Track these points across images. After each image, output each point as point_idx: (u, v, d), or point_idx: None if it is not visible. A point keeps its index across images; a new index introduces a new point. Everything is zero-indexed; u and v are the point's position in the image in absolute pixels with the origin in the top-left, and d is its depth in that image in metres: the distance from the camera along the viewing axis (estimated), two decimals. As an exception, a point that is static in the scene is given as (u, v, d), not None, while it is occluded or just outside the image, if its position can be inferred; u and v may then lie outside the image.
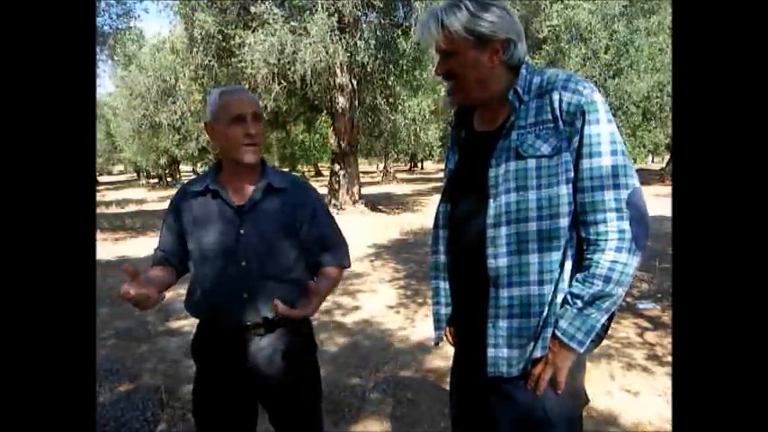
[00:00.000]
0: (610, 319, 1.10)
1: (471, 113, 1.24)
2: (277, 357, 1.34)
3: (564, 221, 1.03)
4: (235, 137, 1.26)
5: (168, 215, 1.41)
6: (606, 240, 1.01)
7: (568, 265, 1.06)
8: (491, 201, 1.08)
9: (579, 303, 1.03)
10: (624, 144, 1.05)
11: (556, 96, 1.03)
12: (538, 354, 1.07)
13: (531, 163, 1.04)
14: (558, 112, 1.03)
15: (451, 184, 1.24)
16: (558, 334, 1.04)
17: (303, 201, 1.38)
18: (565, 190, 1.03)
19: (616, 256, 1.00)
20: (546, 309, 1.06)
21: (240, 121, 1.26)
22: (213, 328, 1.37)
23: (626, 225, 1.00)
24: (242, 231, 1.29)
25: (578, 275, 1.04)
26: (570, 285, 1.05)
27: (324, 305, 4.48)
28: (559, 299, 1.06)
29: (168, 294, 1.35)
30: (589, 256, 1.03)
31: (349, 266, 1.48)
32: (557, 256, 1.05)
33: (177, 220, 1.37)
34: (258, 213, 1.31)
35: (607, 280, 1.01)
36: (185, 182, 1.45)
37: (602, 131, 1.01)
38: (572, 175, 1.03)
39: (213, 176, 1.35)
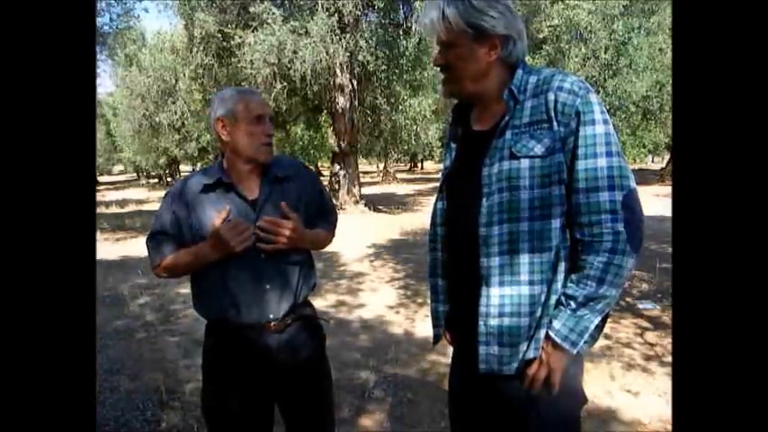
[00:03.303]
0: (604, 320, 1.10)
1: (469, 111, 1.24)
2: (299, 348, 1.38)
3: (556, 222, 1.03)
4: (256, 135, 1.32)
5: (171, 206, 1.36)
6: (601, 242, 1.00)
7: (562, 266, 1.06)
8: (484, 200, 1.08)
9: (573, 304, 1.03)
10: (624, 144, 1.05)
11: (551, 97, 1.03)
12: (531, 354, 1.07)
13: (525, 163, 1.04)
14: (552, 113, 1.03)
15: (447, 182, 1.24)
16: (552, 334, 1.05)
17: (305, 183, 1.45)
18: (557, 191, 1.03)
19: (610, 258, 1.00)
20: (539, 309, 1.06)
21: (261, 121, 1.33)
22: (233, 328, 1.34)
23: (621, 227, 0.99)
24: (258, 224, 1.31)
25: (572, 276, 1.04)
26: (564, 286, 1.05)
27: (324, 304, 4.49)
28: (553, 300, 1.06)
29: (167, 295, 1.34)
30: (583, 257, 1.03)
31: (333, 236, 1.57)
32: (548, 256, 1.05)
33: (186, 213, 1.34)
34: (270, 205, 1.34)
35: (601, 281, 1.01)
36: (191, 173, 1.43)
37: (598, 132, 1.01)
38: (565, 176, 1.02)
39: (221, 171, 1.35)
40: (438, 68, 1.16)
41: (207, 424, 1.43)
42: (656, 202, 8.79)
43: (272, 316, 1.32)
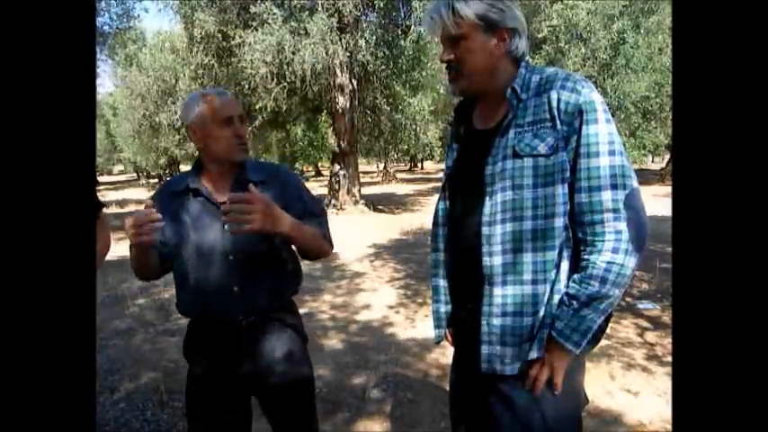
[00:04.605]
0: (607, 320, 1.10)
1: (471, 111, 1.24)
2: (271, 351, 1.37)
3: (559, 221, 1.03)
4: (225, 138, 1.31)
5: None
6: (603, 241, 1.00)
7: (565, 265, 1.06)
8: (487, 199, 1.08)
9: (575, 304, 1.03)
10: (623, 144, 1.05)
11: (554, 95, 1.03)
12: (534, 355, 1.07)
13: (528, 162, 1.04)
14: (555, 112, 1.03)
15: (450, 182, 1.24)
16: (554, 335, 1.04)
17: (283, 188, 1.38)
18: (560, 190, 1.03)
19: (613, 257, 1.00)
20: (541, 309, 1.06)
21: (229, 122, 1.32)
22: (206, 327, 1.38)
23: (623, 226, 0.99)
24: (226, 227, 1.30)
25: (575, 276, 1.04)
26: (567, 286, 1.05)
27: (323, 305, 4.48)
28: (556, 299, 1.06)
29: (167, 295, 1.35)
30: (586, 256, 1.03)
31: (331, 246, 1.45)
32: (551, 255, 1.04)
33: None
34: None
35: (603, 281, 1.00)
36: (164, 182, 1.45)
37: (601, 131, 1.01)
38: (568, 174, 1.03)
39: (194, 176, 1.37)
40: (446, 65, 1.14)
41: (187, 412, 1.46)
42: (656, 202, 8.78)
43: (240, 317, 1.33)
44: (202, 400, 1.40)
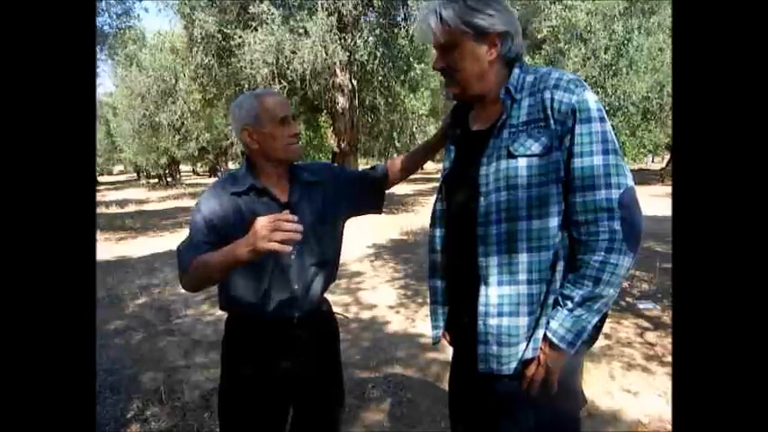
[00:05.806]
0: (602, 319, 1.10)
1: (467, 112, 1.24)
2: (320, 341, 1.43)
3: (554, 221, 1.03)
4: (283, 137, 1.33)
5: (204, 214, 1.31)
6: (597, 241, 1.00)
7: (560, 265, 1.06)
8: (481, 199, 1.08)
9: (570, 304, 1.03)
10: (624, 144, 1.05)
11: (548, 95, 1.03)
12: (529, 355, 1.07)
13: (522, 162, 1.04)
14: (549, 112, 1.02)
15: (446, 183, 1.25)
16: (549, 335, 1.05)
17: (335, 182, 1.48)
18: (555, 189, 1.02)
19: (607, 257, 1.00)
20: (537, 309, 1.06)
21: (285, 122, 1.34)
22: (257, 325, 1.37)
23: (617, 225, 0.99)
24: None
25: (569, 276, 1.04)
26: (562, 286, 1.05)
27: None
28: (551, 300, 1.06)
29: (167, 295, 1.34)
30: (580, 256, 1.03)
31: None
32: (547, 255, 1.04)
33: (221, 220, 1.30)
34: (301, 207, 1.36)
35: (597, 281, 1.00)
36: (218, 180, 1.40)
37: (594, 130, 1.00)
38: (563, 174, 1.02)
39: (253, 176, 1.35)
40: (439, 72, 1.15)
41: (223, 415, 1.43)
42: (656, 202, 8.78)
43: (297, 314, 1.36)
44: (248, 402, 1.38)
